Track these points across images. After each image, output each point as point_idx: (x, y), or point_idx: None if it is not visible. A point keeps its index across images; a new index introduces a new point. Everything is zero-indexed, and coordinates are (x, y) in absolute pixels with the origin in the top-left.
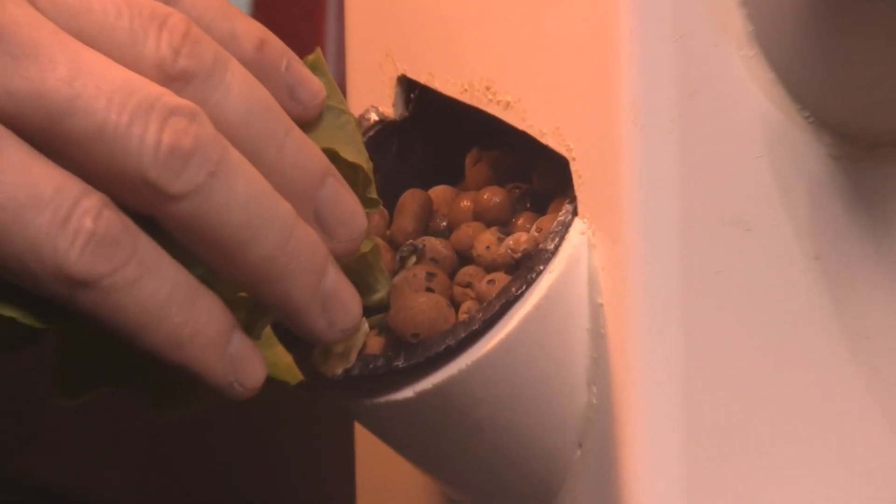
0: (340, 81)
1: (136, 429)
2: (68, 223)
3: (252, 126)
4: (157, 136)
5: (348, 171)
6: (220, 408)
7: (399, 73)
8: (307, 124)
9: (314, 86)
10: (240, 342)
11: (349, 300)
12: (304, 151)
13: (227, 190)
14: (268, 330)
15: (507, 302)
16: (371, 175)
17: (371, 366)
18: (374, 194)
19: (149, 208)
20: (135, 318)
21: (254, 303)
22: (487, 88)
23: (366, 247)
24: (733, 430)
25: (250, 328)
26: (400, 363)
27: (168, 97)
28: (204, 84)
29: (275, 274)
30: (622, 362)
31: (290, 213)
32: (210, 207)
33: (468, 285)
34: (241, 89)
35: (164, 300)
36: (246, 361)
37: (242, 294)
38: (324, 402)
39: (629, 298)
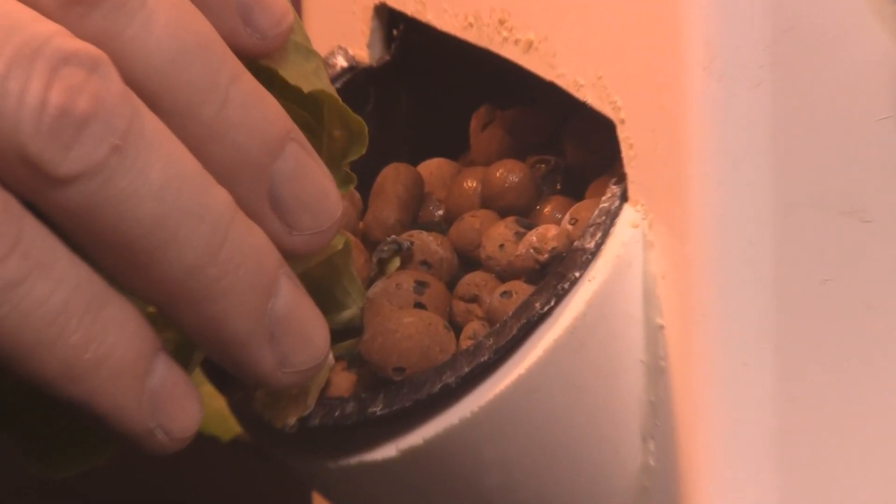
0: None
1: None
2: None
3: (183, 71)
4: (41, 93)
5: (311, 137)
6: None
7: (376, 1)
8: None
9: (277, 7)
10: (165, 371)
11: (310, 327)
12: (257, 106)
13: (136, 172)
14: None
15: (529, 323)
16: (365, 136)
17: (337, 413)
18: (347, 167)
19: (28, 193)
20: (15, 336)
21: None
22: (501, 22)
23: (336, 243)
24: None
25: (183, 355)
26: (377, 409)
27: (61, 39)
28: (117, 11)
29: (201, 292)
30: (691, 409)
31: (227, 206)
32: (111, 196)
33: (474, 299)
34: (169, 18)
35: (58, 311)
36: (173, 399)
37: None
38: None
39: (701, 318)
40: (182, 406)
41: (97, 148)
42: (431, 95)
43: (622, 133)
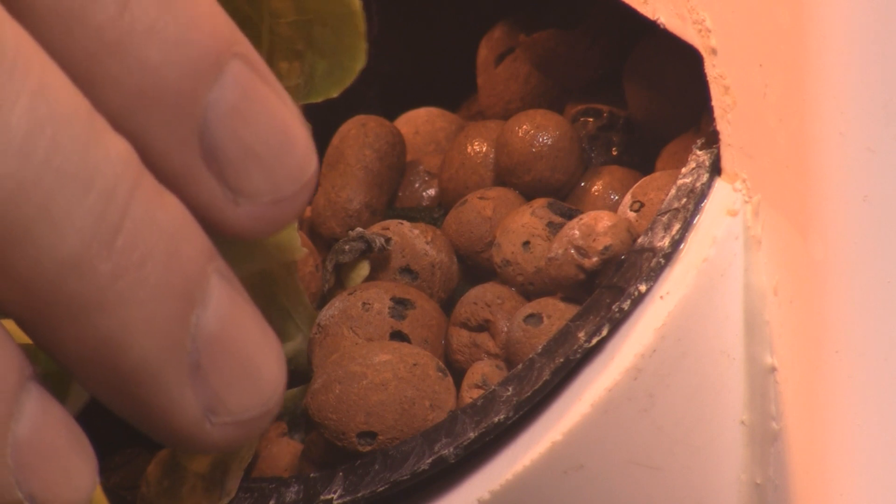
0: None
1: None
2: None
3: None
4: None
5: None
6: None
7: None
8: None
9: None
10: (39, 413)
11: (255, 352)
12: (180, 2)
13: None
14: None
15: (569, 363)
16: (362, 57)
17: (272, 502)
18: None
19: None
20: None
21: None
22: None
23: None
24: None
25: (64, 391)
26: (335, 496)
27: None
28: None
29: (86, 299)
30: (822, 496)
31: (127, 164)
32: None
33: (483, 326)
34: None
35: None
36: (52, 456)
37: None
38: None
39: (839, 356)
40: (65, 466)
41: None
42: (416, 8)
43: (713, 69)
